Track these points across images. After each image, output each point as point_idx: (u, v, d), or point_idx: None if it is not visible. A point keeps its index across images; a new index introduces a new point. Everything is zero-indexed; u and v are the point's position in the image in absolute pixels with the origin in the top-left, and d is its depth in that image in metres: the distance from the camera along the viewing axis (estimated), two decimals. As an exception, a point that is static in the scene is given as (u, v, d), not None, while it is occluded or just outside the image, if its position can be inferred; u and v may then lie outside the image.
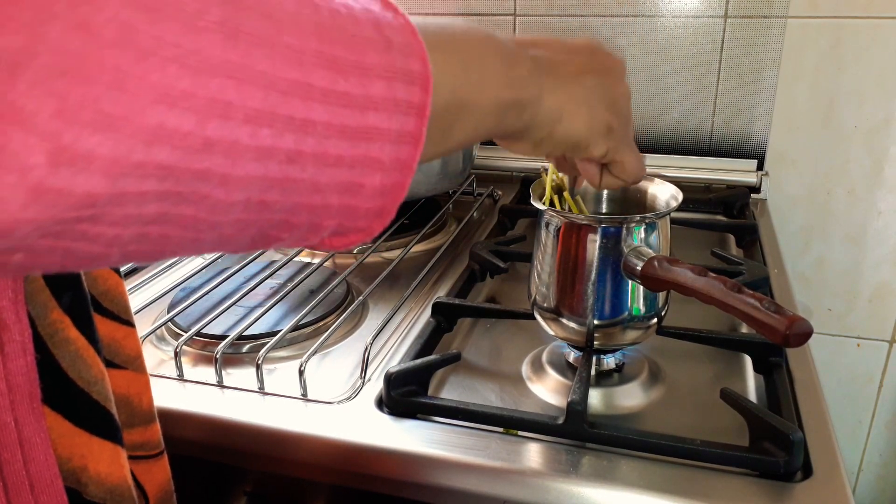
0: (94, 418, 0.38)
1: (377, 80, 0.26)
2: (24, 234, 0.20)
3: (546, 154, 0.44)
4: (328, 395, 0.60)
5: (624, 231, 0.55)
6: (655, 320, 0.59)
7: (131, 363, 0.43)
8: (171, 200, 0.22)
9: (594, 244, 0.56)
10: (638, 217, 0.56)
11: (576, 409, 0.53)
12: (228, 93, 0.21)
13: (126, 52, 0.19)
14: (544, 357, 0.65)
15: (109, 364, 0.41)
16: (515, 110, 0.36)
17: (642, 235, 0.56)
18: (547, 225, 0.59)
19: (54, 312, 0.36)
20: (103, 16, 0.19)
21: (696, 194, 1.04)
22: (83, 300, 0.38)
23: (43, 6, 0.18)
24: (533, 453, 0.53)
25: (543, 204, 0.59)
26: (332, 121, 0.24)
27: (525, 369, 0.64)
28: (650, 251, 0.54)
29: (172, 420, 0.58)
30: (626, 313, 0.57)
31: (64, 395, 0.36)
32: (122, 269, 0.71)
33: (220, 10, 0.21)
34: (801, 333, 0.44)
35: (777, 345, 0.46)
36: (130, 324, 0.43)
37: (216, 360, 0.62)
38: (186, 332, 0.67)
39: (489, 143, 1.15)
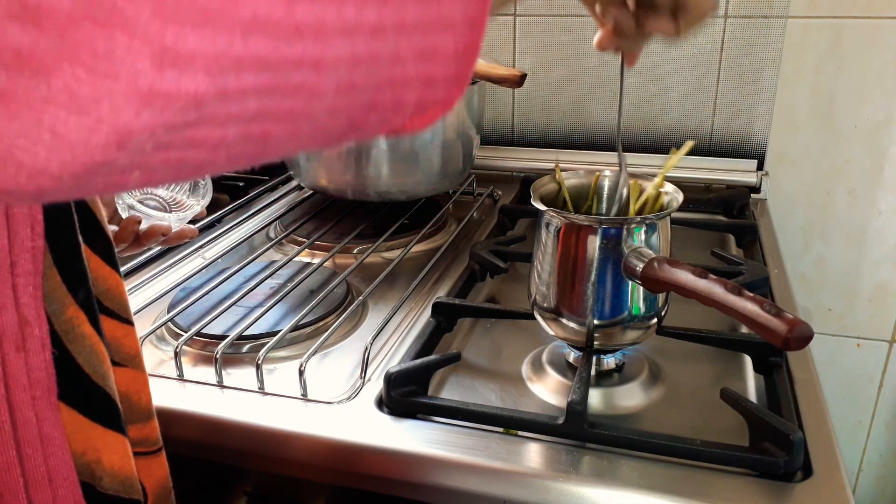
0: (108, 412, 0.38)
1: None
2: (141, 143, 0.20)
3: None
4: (328, 395, 0.60)
5: (624, 232, 0.55)
6: (655, 320, 0.59)
7: (131, 361, 0.43)
8: (270, 94, 0.22)
9: (594, 245, 0.56)
10: (638, 218, 0.56)
11: (576, 409, 0.53)
12: None
13: None
14: (544, 357, 0.65)
15: (111, 362, 0.42)
16: None
17: (643, 236, 0.56)
18: (547, 225, 0.59)
19: (70, 308, 0.36)
20: None
21: (696, 194, 1.04)
22: (92, 295, 0.38)
23: None
24: (533, 453, 0.53)
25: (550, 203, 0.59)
26: None
27: (525, 369, 0.64)
28: (650, 252, 0.54)
29: (172, 420, 0.58)
30: (626, 313, 0.57)
31: (80, 389, 0.37)
32: (123, 269, 0.71)
33: None
34: (801, 337, 0.44)
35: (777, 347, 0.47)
36: (130, 322, 0.43)
37: (216, 360, 0.62)
38: (186, 332, 0.67)
39: (489, 143, 1.15)
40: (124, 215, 0.63)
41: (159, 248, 0.83)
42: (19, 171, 0.20)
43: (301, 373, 0.60)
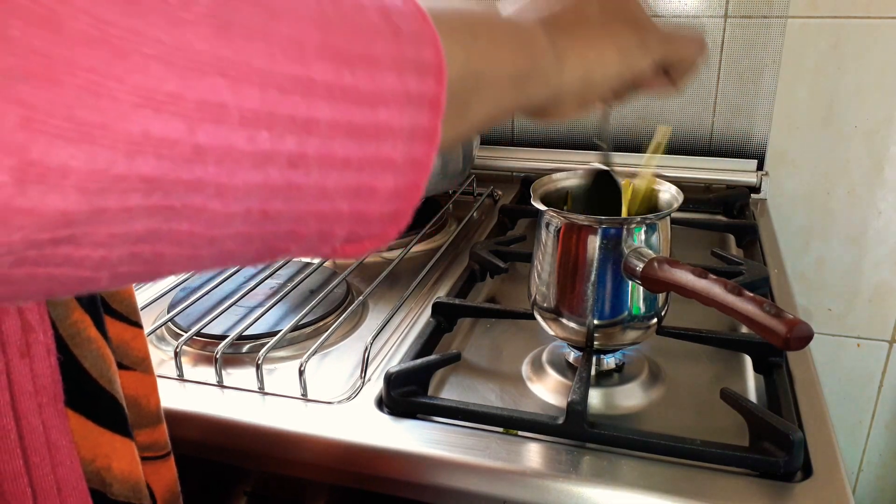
0: (116, 417, 0.38)
1: (386, 72, 0.23)
2: None
3: (603, 102, 0.41)
4: (328, 395, 0.60)
5: (624, 232, 0.55)
6: (655, 320, 0.59)
7: (139, 364, 0.43)
8: (162, 216, 0.20)
9: (594, 245, 0.56)
10: (638, 218, 0.56)
11: (576, 409, 0.53)
12: (221, 93, 0.19)
13: (100, 50, 0.17)
14: (544, 357, 0.65)
15: (118, 365, 0.41)
16: (535, 79, 0.33)
17: (643, 236, 0.56)
18: (547, 225, 0.59)
19: (76, 312, 0.36)
20: (71, 8, 0.17)
21: (696, 194, 1.04)
22: (96, 300, 0.38)
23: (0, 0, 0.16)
24: (533, 453, 0.53)
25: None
26: (338, 119, 0.22)
27: (525, 369, 0.64)
28: (650, 252, 0.54)
29: (173, 420, 0.57)
30: (626, 313, 0.57)
31: (87, 395, 0.36)
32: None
33: (206, 1, 0.19)
34: (801, 337, 0.44)
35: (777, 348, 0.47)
36: (138, 325, 0.43)
37: (216, 360, 0.62)
38: (186, 332, 0.67)
39: (489, 143, 1.15)
40: None
41: None
42: None
43: (301, 373, 0.60)
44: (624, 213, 0.60)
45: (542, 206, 0.58)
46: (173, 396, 0.60)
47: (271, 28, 0.21)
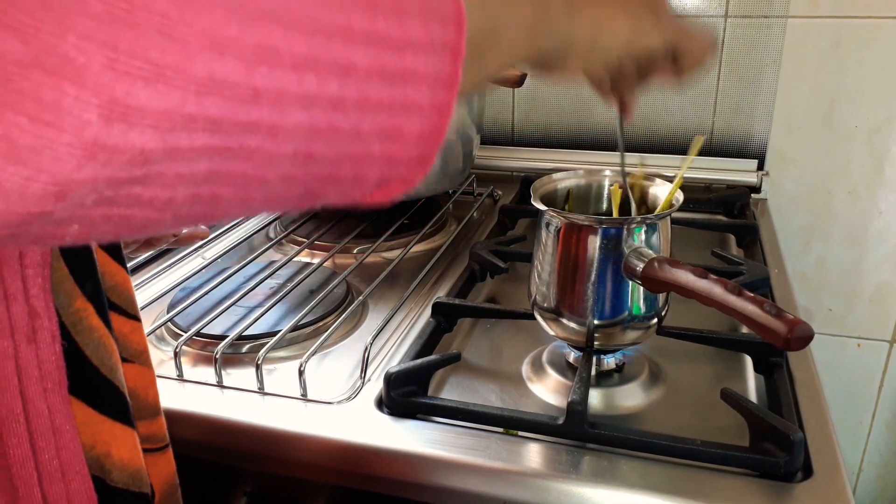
0: (117, 405, 0.38)
1: (413, 19, 0.25)
2: (81, 196, 0.19)
3: (607, 68, 0.41)
4: (328, 395, 0.60)
5: (624, 232, 0.55)
6: (655, 320, 0.59)
7: (138, 357, 0.43)
8: (222, 156, 0.22)
9: (594, 245, 0.55)
10: (639, 218, 0.56)
11: (576, 410, 0.53)
12: (275, 38, 0.21)
13: (168, 1, 0.19)
14: (544, 357, 0.65)
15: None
16: (546, 28, 0.35)
17: (643, 237, 0.55)
18: (547, 225, 0.59)
19: (78, 300, 0.36)
20: None
21: (696, 194, 1.04)
22: (100, 288, 0.38)
23: None
24: (533, 453, 0.53)
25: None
26: (373, 63, 0.24)
27: (525, 369, 0.64)
28: (651, 252, 0.54)
29: (172, 420, 0.57)
30: (627, 313, 0.57)
31: (88, 382, 0.37)
32: (133, 262, 0.71)
33: None
34: (802, 337, 0.44)
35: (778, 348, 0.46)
36: (137, 318, 0.43)
37: (216, 360, 0.62)
38: (186, 332, 0.67)
39: (489, 143, 1.15)
40: None
41: (169, 248, 0.83)
42: None
43: (301, 373, 0.60)
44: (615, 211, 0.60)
45: (542, 206, 0.58)
46: (173, 396, 0.60)
47: None
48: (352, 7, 0.23)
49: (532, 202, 0.59)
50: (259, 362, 0.61)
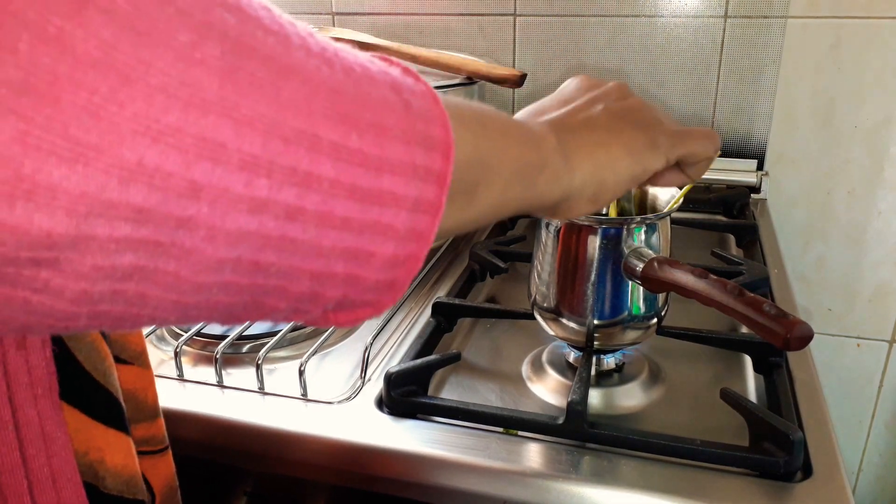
0: (110, 410, 0.38)
1: (394, 141, 0.23)
2: None
3: (612, 200, 0.41)
4: (328, 395, 0.60)
5: (624, 232, 0.55)
6: (655, 320, 0.59)
7: (137, 358, 0.43)
8: (149, 252, 0.19)
9: (594, 245, 0.56)
10: (638, 218, 0.56)
11: (576, 409, 0.53)
12: (223, 133, 0.19)
13: (105, 74, 0.17)
14: (544, 357, 0.65)
15: (116, 359, 0.41)
16: (546, 175, 0.34)
17: (643, 237, 0.56)
18: (547, 225, 0.59)
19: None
20: (82, 31, 0.17)
21: (696, 194, 1.04)
22: None
23: (12, 13, 0.16)
24: (533, 453, 0.53)
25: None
26: (342, 178, 0.22)
27: (525, 369, 0.64)
28: (651, 252, 0.54)
29: (172, 420, 0.57)
30: (626, 313, 0.57)
31: (81, 388, 0.36)
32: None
33: (217, 46, 0.19)
34: (801, 337, 0.44)
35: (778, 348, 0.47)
36: None
37: (216, 359, 0.62)
38: (186, 332, 0.67)
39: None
40: None
41: None
42: None
43: (301, 373, 0.60)
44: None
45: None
46: (173, 396, 0.60)
47: (281, 82, 0.20)
48: (321, 117, 0.21)
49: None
50: (259, 362, 0.61)
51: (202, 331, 0.67)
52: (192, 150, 0.19)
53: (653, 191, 0.62)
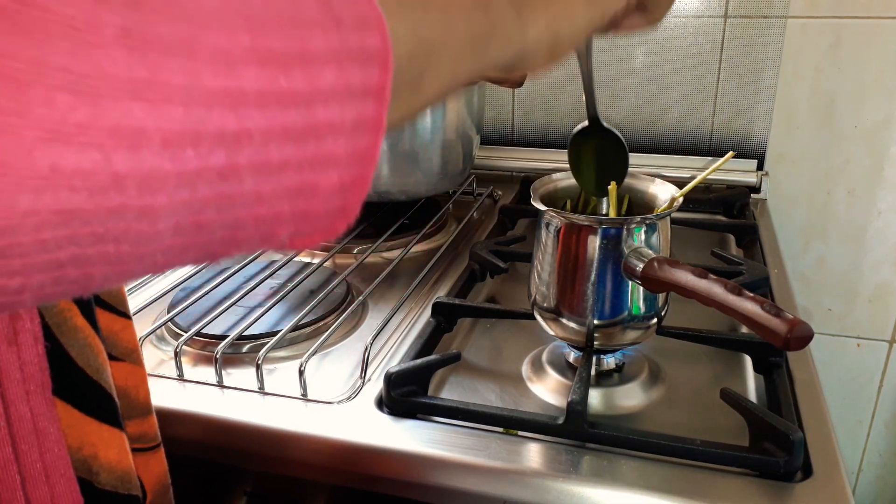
0: (104, 406, 0.38)
1: (325, 68, 0.22)
2: None
3: (572, 51, 0.39)
4: (328, 395, 0.60)
5: (624, 232, 0.55)
6: (655, 320, 0.59)
7: (129, 355, 0.43)
8: (85, 242, 0.19)
9: (594, 245, 0.56)
10: (638, 218, 0.56)
11: (576, 409, 0.53)
12: (138, 117, 0.18)
13: (5, 80, 0.16)
14: (544, 357, 0.65)
15: (108, 356, 0.41)
16: (497, 40, 0.32)
17: (642, 237, 0.56)
18: (547, 225, 0.59)
19: (62, 301, 0.36)
20: None
21: (696, 194, 1.03)
22: None
23: None
24: (533, 453, 0.53)
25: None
26: (273, 125, 0.21)
27: (525, 369, 0.64)
28: (650, 252, 0.54)
29: (172, 420, 0.58)
30: (626, 313, 0.57)
31: (74, 384, 0.36)
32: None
33: (118, 20, 0.18)
34: (801, 337, 0.44)
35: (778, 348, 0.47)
36: (128, 316, 0.43)
37: (216, 360, 0.62)
38: (186, 332, 0.67)
39: (489, 143, 1.14)
40: None
41: None
42: None
43: (301, 373, 0.60)
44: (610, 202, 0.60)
45: (542, 206, 0.58)
46: (173, 396, 0.60)
47: (194, 39, 0.19)
48: (243, 66, 0.20)
49: (532, 202, 0.59)
50: (259, 362, 0.61)
51: (202, 331, 0.67)
52: (108, 142, 0.18)
53: (653, 190, 0.62)
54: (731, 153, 0.62)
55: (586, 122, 0.58)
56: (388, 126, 0.25)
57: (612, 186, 0.61)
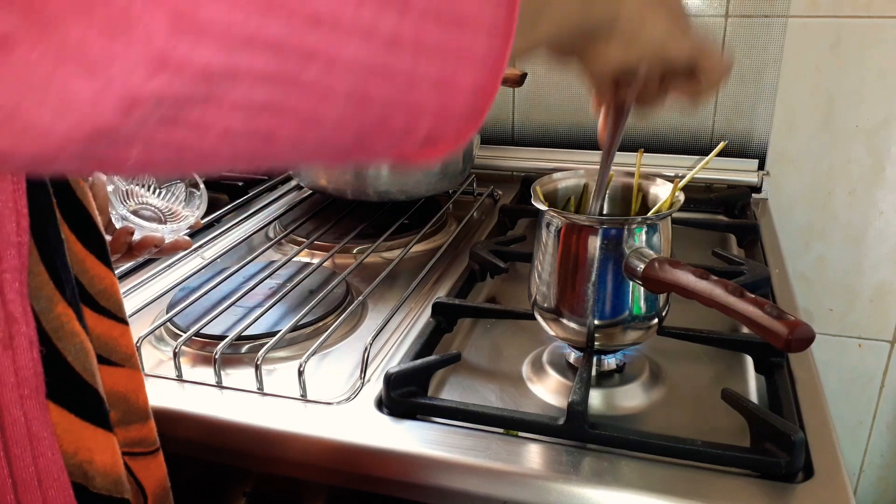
0: (99, 410, 0.38)
1: None
2: (147, 112, 0.19)
3: (636, 61, 0.41)
4: (328, 396, 0.60)
5: (625, 232, 0.55)
6: (656, 320, 0.59)
7: (127, 361, 0.43)
8: (280, 86, 0.21)
9: (595, 245, 0.55)
10: (639, 218, 0.56)
11: (576, 410, 0.53)
12: None
13: None
14: (545, 357, 0.65)
15: (106, 362, 0.41)
16: (600, 2, 0.35)
17: (643, 237, 0.55)
18: (547, 225, 0.58)
19: (59, 306, 0.36)
20: None
21: (697, 194, 1.04)
22: (76, 293, 0.38)
23: None
24: (533, 454, 0.52)
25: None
26: (428, 3, 0.24)
27: (525, 370, 0.64)
28: (651, 253, 0.54)
29: (171, 420, 0.58)
30: (627, 314, 0.57)
31: (70, 388, 0.36)
32: (118, 271, 0.71)
33: None
34: (803, 339, 0.44)
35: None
36: (125, 322, 0.43)
37: (215, 360, 0.62)
38: (185, 333, 0.67)
39: (489, 142, 1.14)
40: (118, 226, 0.63)
41: (152, 258, 0.83)
42: (23, 133, 0.19)
43: (300, 373, 0.60)
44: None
45: (542, 206, 0.58)
46: (172, 397, 0.60)
47: None
48: None
49: (532, 202, 0.58)
50: (258, 362, 0.61)
51: (202, 331, 0.67)
52: None
53: (653, 190, 0.61)
54: (723, 143, 0.62)
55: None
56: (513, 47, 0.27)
57: (640, 152, 0.61)
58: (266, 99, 0.22)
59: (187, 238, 0.70)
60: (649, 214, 0.59)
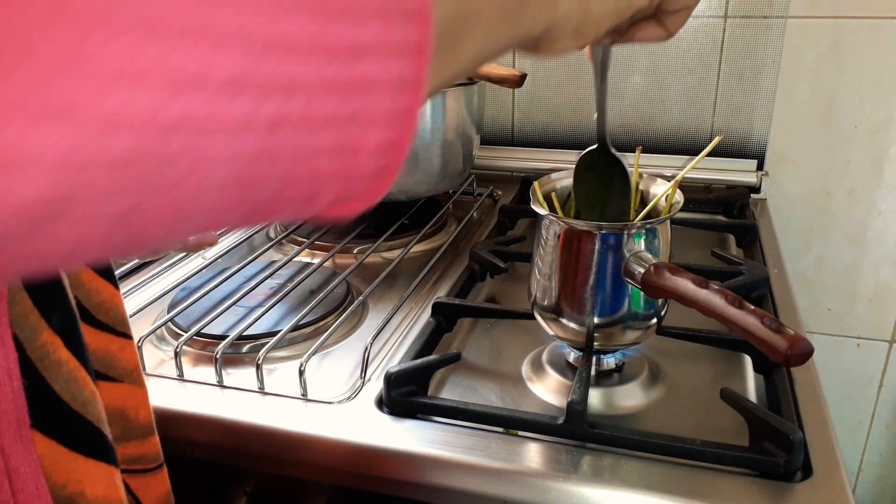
0: (90, 440, 0.37)
1: (369, 20, 0.22)
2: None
3: (595, 38, 0.39)
4: (328, 395, 0.60)
5: (624, 236, 0.55)
6: (655, 320, 0.59)
7: (128, 376, 0.42)
8: (144, 190, 0.19)
9: (594, 249, 0.55)
10: (639, 223, 0.56)
11: (576, 409, 0.53)
12: (199, 59, 0.18)
13: (72, 23, 0.16)
14: (544, 357, 0.65)
15: (104, 377, 0.40)
16: (530, 7, 0.32)
17: (643, 242, 0.55)
18: (547, 227, 0.59)
19: (44, 334, 0.34)
20: None
21: (696, 194, 1.04)
22: (72, 319, 0.36)
23: None
24: (533, 453, 0.53)
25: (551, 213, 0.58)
26: (320, 76, 0.21)
27: (525, 369, 0.64)
28: (651, 257, 0.54)
29: (172, 420, 0.58)
30: (626, 313, 0.57)
31: (58, 419, 0.35)
32: (118, 271, 0.71)
33: None
34: (802, 354, 0.44)
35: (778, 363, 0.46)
36: (127, 336, 0.42)
37: (216, 360, 0.62)
38: (186, 333, 0.67)
39: (489, 143, 1.15)
40: None
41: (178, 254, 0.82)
42: None
43: (301, 373, 0.60)
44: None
45: (542, 211, 0.58)
46: (173, 397, 0.60)
47: None
48: (294, 14, 0.20)
49: (531, 206, 0.59)
50: (259, 362, 0.61)
51: (203, 331, 0.67)
52: (171, 84, 0.18)
53: (653, 191, 0.62)
54: (717, 138, 0.62)
55: (595, 146, 0.57)
56: (428, 94, 0.25)
57: (638, 150, 0.61)
58: (128, 206, 0.19)
59: (214, 234, 0.69)
60: (648, 219, 0.59)
